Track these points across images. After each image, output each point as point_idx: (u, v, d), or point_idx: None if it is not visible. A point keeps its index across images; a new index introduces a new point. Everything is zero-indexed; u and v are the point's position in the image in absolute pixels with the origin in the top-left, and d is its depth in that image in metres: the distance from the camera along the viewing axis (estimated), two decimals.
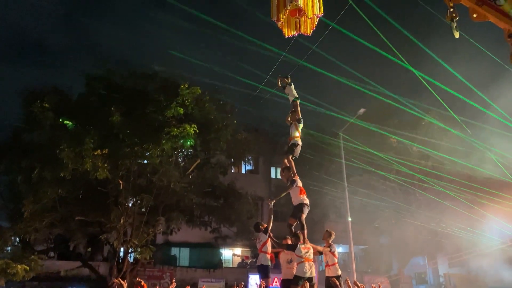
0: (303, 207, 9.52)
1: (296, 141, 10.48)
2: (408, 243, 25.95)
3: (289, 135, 10.82)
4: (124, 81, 19.09)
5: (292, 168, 10.11)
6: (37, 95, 17.29)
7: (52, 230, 20.30)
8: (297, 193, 9.69)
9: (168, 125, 16.69)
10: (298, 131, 10.61)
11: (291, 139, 10.60)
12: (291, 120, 10.87)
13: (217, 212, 22.17)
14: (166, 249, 26.71)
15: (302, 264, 8.53)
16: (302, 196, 9.66)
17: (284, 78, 11.30)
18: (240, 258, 29.59)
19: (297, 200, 9.63)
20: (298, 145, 10.47)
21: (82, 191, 19.21)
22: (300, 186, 9.79)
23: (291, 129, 10.76)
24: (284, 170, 10.27)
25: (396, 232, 25.93)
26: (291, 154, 10.33)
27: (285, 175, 10.15)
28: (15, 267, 15.91)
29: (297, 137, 10.54)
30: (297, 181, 9.83)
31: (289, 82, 11.24)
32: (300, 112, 10.95)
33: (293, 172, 10.02)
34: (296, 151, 10.44)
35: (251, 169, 32.87)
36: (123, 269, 19.28)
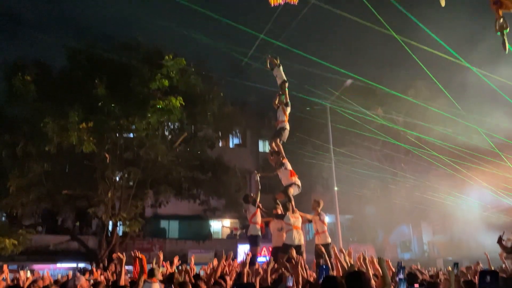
0: (293, 185, 9.63)
1: (284, 125, 10.46)
2: (393, 212, 26.51)
3: (276, 118, 10.78)
4: (107, 53, 18.70)
5: (281, 152, 10.13)
6: (18, 67, 16.84)
7: (39, 205, 20.19)
8: (288, 175, 9.77)
9: (153, 97, 16.51)
10: (285, 114, 10.57)
11: (279, 123, 10.56)
12: (279, 103, 10.79)
13: (205, 185, 22.26)
14: (155, 222, 26.86)
15: (290, 232, 8.69)
16: (293, 178, 9.75)
17: (274, 58, 11.17)
18: (229, 230, 29.95)
19: (288, 182, 9.71)
20: (286, 129, 10.46)
21: (68, 165, 19.09)
22: (290, 169, 9.86)
23: (278, 112, 10.71)
24: (272, 154, 10.26)
25: (382, 201, 26.44)
26: (278, 138, 10.33)
27: (274, 159, 10.15)
28: (3, 242, 15.91)
29: (285, 121, 10.51)
30: (286, 163, 9.88)
31: (278, 63, 11.13)
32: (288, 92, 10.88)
33: (282, 155, 10.04)
34: (284, 136, 10.45)
35: (238, 142, 32.88)
36: (112, 242, 19.41)
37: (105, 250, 19.44)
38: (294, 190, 9.65)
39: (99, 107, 16.61)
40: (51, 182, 17.72)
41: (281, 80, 11.00)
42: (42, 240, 21.75)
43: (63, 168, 18.96)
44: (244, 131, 31.29)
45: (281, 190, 9.95)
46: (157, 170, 19.05)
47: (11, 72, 16.76)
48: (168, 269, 8.52)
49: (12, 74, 16.38)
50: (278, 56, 11.36)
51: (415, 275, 6.94)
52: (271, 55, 11.33)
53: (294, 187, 9.67)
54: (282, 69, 11.10)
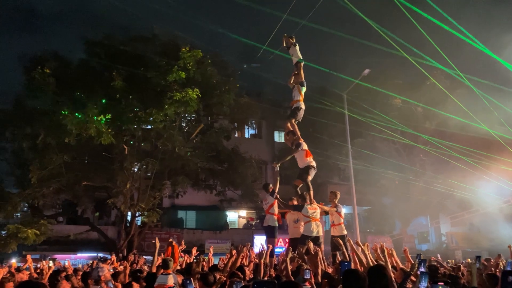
0: (309, 169, 9.57)
1: (299, 105, 10.34)
2: (411, 203, 26.25)
3: (291, 98, 10.68)
4: (124, 45, 18.82)
5: (296, 131, 10.04)
6: (38, 61, 17.10)
7: (59, 196, 20.60)
8: (303, 156, 9.71)
9: (170, 89, 16.57)
10: (301, 94, 10.43)
11: (294, 102, 10.45)
12: (294, 83, 10.67)
13: (221, 175, 22.35)
14: (172, 212, 27.16)
15: (309, 223, 8.67)
16: (309, 159, 9.68)
17: (289, 38, 11.04)
18: (245, 220, 30.11)
19: (304, 163, 9.66)
20: (301, 108, 10.33)
21: (87, 156, 19.37)
22: (306, 149, 9.79)
23: (293, 92, 10.58)
24: (288, 134, 10.20)
25: (399, 192, 26.19)
26: (293, 118, 10.23)
27: (290, 139, 10.09)
28: (25, 232, 16.28)
29: (300, 100, 10.39)
30: (302, 144, 9.81)
31: (294, 42, 10.98)
32: (304, 74, 10.76)
33: (297, 135, 9.96)
34: (299, 115, 10.32)
35: (254, 133, 32.86)
36: (131, 232, 19.70)
37: (124, 240, 19.76)
38: (311, 174, 9.58)
39: (117, 99, 16.77)
40: (71, 173, 18.02)
41: (296, 59, 10.85)
42: (62, 230, 22.18)
43: (83, 160, 19.27)
44: (259, 121, 31.24)
45: (297, 176, 9.88)
46: (174, 161, 19.19)
47: (31, 65, 17.03)
48: (186, 259, 8.62)
49: (32, 67, 16.63)
50: (294, 35, 11.22)
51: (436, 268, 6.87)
52: (286, 34, 11.21)
53: (311, 170, 9.59)
54: (298, 48, 10.97)
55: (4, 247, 16.66)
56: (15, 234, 16.37)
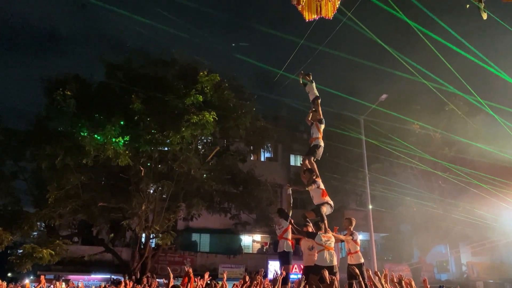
0: (326, 205, 9.40)
1: (318, 142, 10.23)
2: (429, 231, 25.60)
3: (310, 135, 10.60)
4: (143, 68, 19.23)
5: (314, 170, 9.88)
6: (59, 83, 17.54)
7: (75, 216, 20.72)
8: (320, 195, 9.52)
9: (187, 112, 16.74)
10: (319, 131, 10.35)
11: (313, 140, 10.35)
12: (312, 120, 10.62)
13: (236, 199, 22.25)
14: (186, 235, 27.03)
15: (322, 252, 8.46)
16: (326, 198, 9.51)
17: (306, 75, 11.10)
18: (260, 245, 29.75)
19: (320, 201, 9.47)
20: (320, 146, 10.23)
21: (104, 177, 19.54)
22: (323, 188, 9.62)
23: (312, 129, 10.51)
24: (305, 172, 10.00)
25: (418, 219, 25.60)
26: (312, 156, 10.11)
27: (306, 177, 9.89)
28: (41, 251, 16.38)
29: (319, 137, 10.30)
30: (319, 182, 9.63)
31: (311, 79, 11.04)
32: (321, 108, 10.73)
33: (315, 174, 9.79)
34: (318, 153, 10.21)
35: (270, 156, 32.82)
36: (145, 255, 19.63)
37: (137, 262, 19.67)
38: (326, 209, 9.41)
39: (135, 121, 17.01)
40: (87, 194, 18.19)
41: (313, 96, 10.87)
42: (77, 251, 22.24)
43: (99, 181, 19.45)
44: (275, 145, 31.23)
45: (312, 208, 9.72)
46: (189, 183, 19.22)
47: (52, 87, 17.46)
48: (199, 284, 8.48)
49: (53, 89, 17.04)
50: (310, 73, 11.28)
51: None
52: (303, 72, 11.27)
53: (327, 206, 9.43)
54: (315, 85, 11.01)
55: (20, 267, 16.77)
56: (31, 254, 16.49)
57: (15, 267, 17.13)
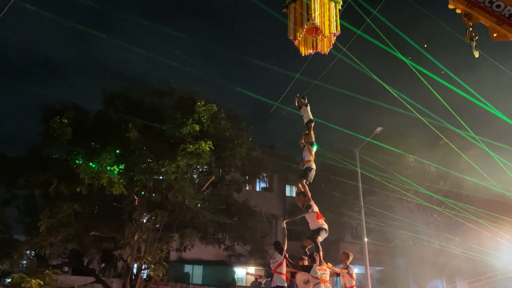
0: (321, 231, 9.36)
1: (310, 165, 10.31)
2: (426, 265, 25.32)
3: (302, 158, 10.70)
4: (141, 98, 19.38)
5: (307, 192, 9.94)
6: (56, 111, 17.61)
7: (67, 245, 20.35)
8: (314, 218, 9.52)
9: (184, 141, 16.79)
10: (311, 154, 10.45)
11: (305, 162, 10.43)
12: (305, 143, 10.74)
13: (231, 229, 22.01)
14: (179, 266, 26.56)
15: (318, 285, 8.36)
16: (320, 221, 9.49)
17: (302, 98, 11.25)
18: (254, 277, 29.23)
19: (315, 225, 9.46)
20: (312, 169, 10.30)
21: (97, 206, 19.32)
22: (317, 211, 9.62)
23: (304, 152, 10.61)
24: (299, 195, 10.10)
25: (414, 253, 25.36)
26: (304, 179, 10.17)
27: (300, 199, 9.98)
28: (29, 282, 15.93)
29: (311, 160, 10.39)
30: (313, 206, 9.65)
31: (306, 102, 11.16)
32: (314, 134, 10.84)
33: (308, 197, 9.84)
34: (310, 176, 10.28)
35: (265, 186, 32.72)
36: (136, 286, 19.17)
37: None
38: (322, 236, 9.35)
39: (131, 150, 17.00)
40: (80, 222, 17.92)
41: (307, 119, 10.94)
42: (67, 281, 21.72)
43: (93, 209, 19.22)
44: (271, 175, 31.19)
45: (308, 236, 9.66)
46: (184, 213, 19.04)
47: (50, 115, 17.52)
48: None
49: (51, 117, 17.09)
50: (306, 96, 11.41)
51: None
52: (299, 94, 11.40)
53: (322, 232, 9.38)
54: (310, 108, 11.11)
55: None
56: (19, 284, 16.04)
57: None
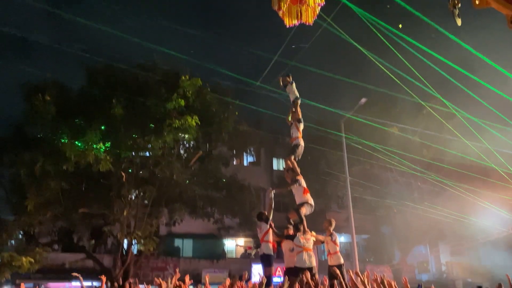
0: (306, 205, 9.57)
1: (298, 142, 10.49)
2: (410, 232, 26.06)
3: (290, 135, 10.83)
4: (124, 73, 19.08)
5: (295, 168, 10.12)
6: (38, 88, 17.29)
7: (55, 223, 20.41)
8: (301, 193, 9.71)
9: (169, 117, 16.71)
10: (299, 131, 10.61)
11: (293, 139, 10.62)
12: (292, 120, 10.85)
13: (219, 203, 22.24)
14: (169, 240, 26.85)
15: (301, 254, 8.59)
16: (306, 196, 9.69)
17: (286, 77, 11.27)
18: (243, 249, 29.74)
19: (301, 199, 9.66)
20: (300, 145, 10.48)
21: (84, 183, 19.28)
22: (304, 186, 9.80)
23: (292, 129, 10.76)
24: (288, 171, 10.28)
25: (398, 221, 26.06)
26: (293, 155, 10.35)
27: (289, 175, 10.15)
28: (20, 260, 16.07)
29: (298, 137, 10.55)
30: (301, 180, 9.83)
31: (291, 81, 11.21)
32: (300, 109, 10.93)
33: (296, 172, 10.03)
34: (298, 152, 10.47)
35: (253, 160, 32.90)
36: (127, 261, 19.44)
37: (120, 269, 19.47)
38: (306, 209, 9.56)
39: (116, 126, 16.88)
40: (68, 200, 17.92)
41: (294, 97, 11.04)
42: (58, 258, 21.87)
43: (80, 187, 19.18)
44: (258, 149, 31.33)
45: (293, 208, 9.88)
46: (172, 188, 19.16)
47: (32, 92, 17.21)
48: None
49: (33, 95, 16.80)
50: (290, 73, 11.44)
51: None
52: (282, 75, 11.43)
53: (307, 206, 9.58)
54: (295, 86, 11.17)
55: None
56: (9, 262, 16.15)
57: None
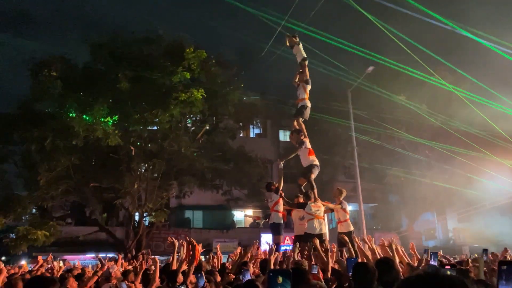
0: (313, 168, 9.66)
1: (305, 103, 10.44)
2: (417, 199, 26.21)
3: (297, 97, 10.77)
4: (128, 47, 18.95)
5: (302, 130, 10.14)
6: (44, 64, 17.28)
7: (68, 197, 20.79)
8: (306, 154, 9.80)
9: (175, 90, 16.72)
10: (306, 92, 10.53)
11: (300, 101, 10.55)
12: (299, 81, 10.76)
13: (228, 175, 22.48)
14: (179, 212, 27.32)
15: (312, 221, 8.76)
16: (312, 157, 9.77)
17: (293, 37, 11.11)
18: (252, 219, 30.22)
19: (307, 161, 9.75)
20: (307, 106, 10.44)
21: (94, 158, 19.54)
22: (309, 147, 9.88)
23: (298, 90, 10.68)
24: (293, 133, 10.31)
25: (405, 189, 26.16)
26: (300, 116, 10.33)
27: (294, 137, 10.20)
28: (35, 233, 16.51)
29: (305, 98, 10.49)
30: (306, 142, 9.90)
31: (297, 41, 11.05)
32: (308, 73, 10.84)
33: (303, 133, 10.05)
34: (305, 113, 10.43)
35: (259, 132, 32.94)
36: (139, 233, 19.87)
37: (132, 241, 19.94)
38: (314, 172, 9.66)
39: (123, 100, 16.93)
40: (79, 175, 18.22)
41: (301, 58, 10.92)
42: (71, 232, 22.38)
43: (90, 161, 19.44)
44: (264, 121, 31.29)
45: (301, 173, 9.97)
46: (180, 161, 19.35)
47: (38, 69, 17.22)
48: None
49: (39, 71, 16.82)
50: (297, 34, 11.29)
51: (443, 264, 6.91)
52: (289, 33, 11.28)
53: (314, 169, 9.67)
54: (302, 46, 11.04)
55: (15, 249, 16.91)
56: (25, 236, 16.61)
57: (10, 249, 17.24)
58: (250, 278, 4.31)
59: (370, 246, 6.86)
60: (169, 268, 5.83)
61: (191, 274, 5.13)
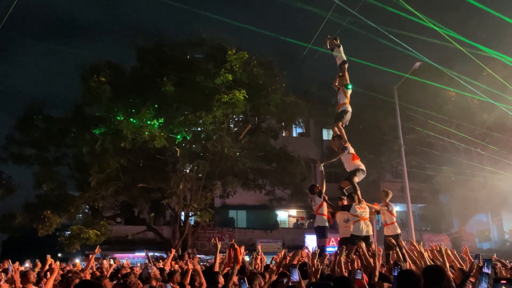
0: (358, 172, 9.43)
1: (346, 108, 10.18)
2: (469, 200, 25.05)
3: (337, 101, 10.53)
4: (173, 51, 19.45)
5: (343, 135, 9.90)
6: (93, 70, 18.05)
7: (117, 197, 21.60)
8: (350, 159, 9.56)
9: (218, 92, 16.94)
10: (346, 96, 10.27)
11: (340, 106, 10.29)
12: (339, 85, 10.51)
13: (270, 175, 22.48)
14: (224, 212, 27.64)
15: (358, 223, 8.55)
16: (357, 162, 9.53)
17: (333, 39, 10.89)
18: (295, 219, 30.06)
19: (351, 166, 9.52)
20: (348, 111, 10.17)
21: (142, 159, 20.19)
22: (353, 152, 9.63)
23: (339, 95, 10.43)
24: (334, 139, 10.08)
25: (457, 189, 25.05)
26: (340, 122, 10.10)
27: (336, 143, 9.97)
28: (87, 232, 17.28)
29: (346, 103, 10.23)
30: (349, 147, 9.65)
31: (338, 44, 10.82)
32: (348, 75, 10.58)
33: (344, 139, 9.82)
34: (346, 118, 10.17)
35: (302, 132, 32.71)
36: (185, 232, 20.32)
37: (178, 240, 20.39)
38: (358, 176, 9.42)
39: (168, 103, 17.36)
40: (127, 176, 18.91)
41: (341, 61, 10.67)
42: (121, 231, 23.19)
43: (138, 163, 20.12)
44: (307, 120, 31.02)
45: (345, 177, 9.77)
46: (224, 161, 19.57)
47: (87, 74, 18.01)
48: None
49: (88, 76, 17.58)
50: (338, 37, 11.07)
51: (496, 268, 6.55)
52: (330, 36, 11.07)
53: (359, 173, 9.43)
54: (343, 49, 10.80)
55: (69, 247, 17.78)
56: (78, 235, 17.42)
57: (65, 247, 18.16)
58: None
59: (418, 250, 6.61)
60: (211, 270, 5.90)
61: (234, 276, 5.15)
